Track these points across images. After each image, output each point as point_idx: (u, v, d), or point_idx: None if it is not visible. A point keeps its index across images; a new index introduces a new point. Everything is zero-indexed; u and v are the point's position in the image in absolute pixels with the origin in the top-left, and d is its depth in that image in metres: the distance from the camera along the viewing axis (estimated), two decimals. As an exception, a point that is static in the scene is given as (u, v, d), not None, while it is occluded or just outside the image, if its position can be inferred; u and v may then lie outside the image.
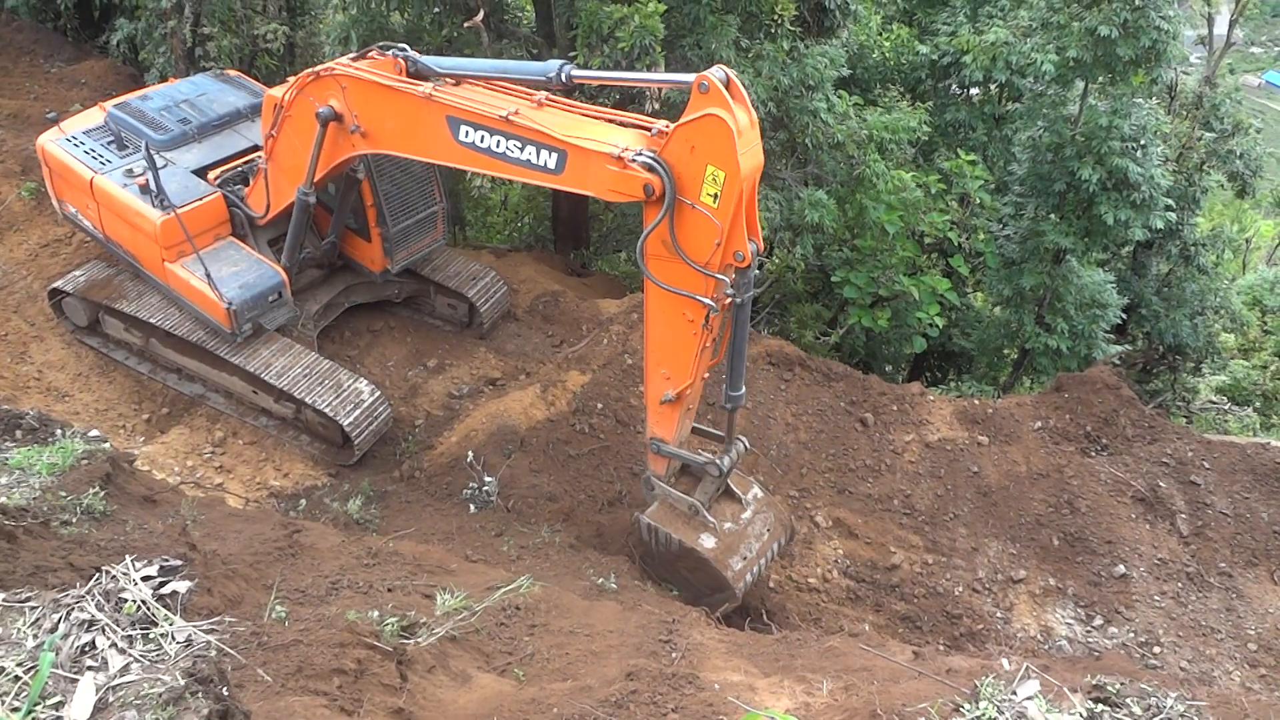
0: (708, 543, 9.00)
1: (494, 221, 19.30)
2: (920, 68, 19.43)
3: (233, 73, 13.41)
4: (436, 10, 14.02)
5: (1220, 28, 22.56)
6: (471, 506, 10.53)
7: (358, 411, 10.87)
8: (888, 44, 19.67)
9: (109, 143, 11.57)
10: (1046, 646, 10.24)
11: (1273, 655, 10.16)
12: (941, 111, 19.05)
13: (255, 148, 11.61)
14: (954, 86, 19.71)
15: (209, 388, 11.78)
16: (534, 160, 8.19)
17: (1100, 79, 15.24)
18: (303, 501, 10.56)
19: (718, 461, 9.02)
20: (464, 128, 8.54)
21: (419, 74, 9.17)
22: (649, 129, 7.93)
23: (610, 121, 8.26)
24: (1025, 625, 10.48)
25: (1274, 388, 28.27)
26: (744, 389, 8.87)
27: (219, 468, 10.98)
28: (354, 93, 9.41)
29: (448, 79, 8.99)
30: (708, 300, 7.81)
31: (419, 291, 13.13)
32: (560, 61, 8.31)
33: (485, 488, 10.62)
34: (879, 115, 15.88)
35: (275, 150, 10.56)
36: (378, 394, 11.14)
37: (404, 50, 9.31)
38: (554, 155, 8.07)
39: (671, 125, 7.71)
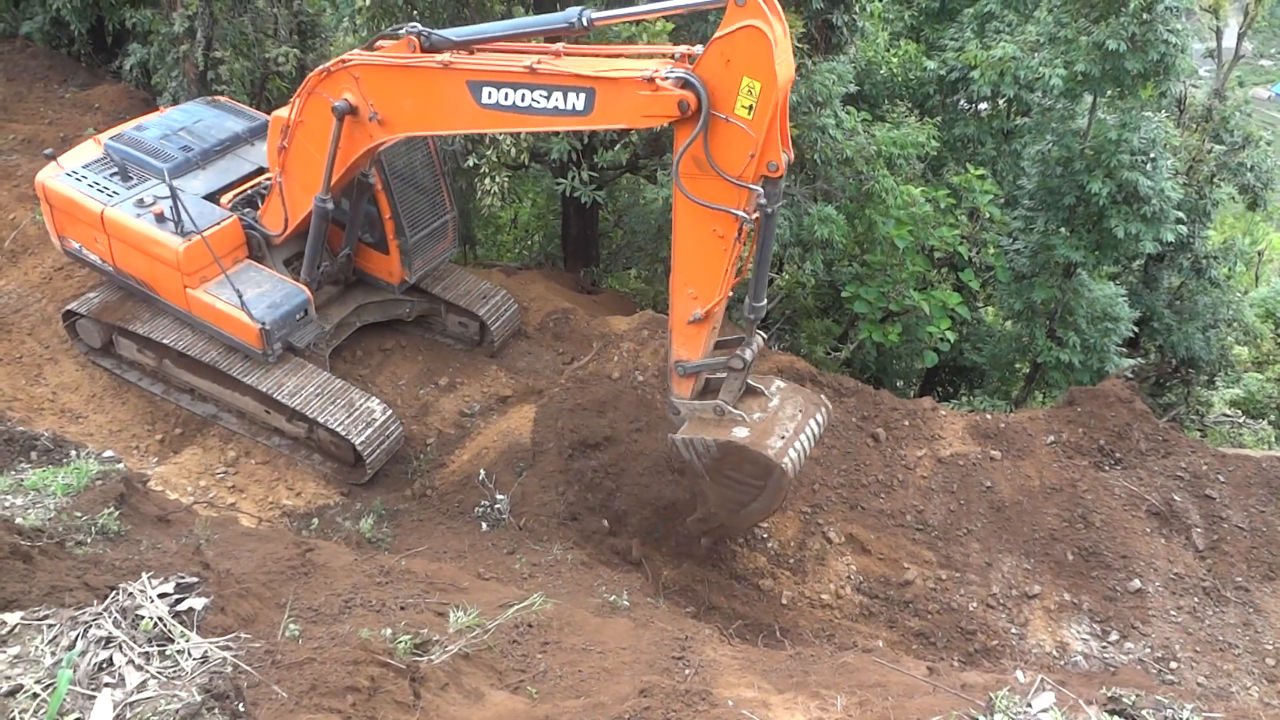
0: (741, 433, 9.02)
1: (504, 240, 19.38)
2: (928, 83, 19.48)
3: (222, 99, 13.50)
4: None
5: (1229, 40, 22.54)
6: (483, 524, 10.53)
7: (370, 430, 10.91)
8: (895, 60, 19.72)
9: (112, 174, 11.58)
10: (1062, 662, 10.16)
11: (1292, 671, 10.07)
12: (950, 127, 19.07)
13: (260, 170, 11.71)
14: (962, 101, 19.74)
15: (221, 408, 11.84)
16: (562, 105, 8.28)
17: (1109, 93, 15.24)
18: (315, 520, 10.59)
19: (740, 354, 9.09)
20: (486, 89, 8.65)
21: (433, 48, 9.20)
22: (671, 54, 8.13)
23: (618, 55, 8.50)
24: (1040, 641, 10.41)
25: (1289, 401, 28.07)
26: (765, 299, 9.13)
27: (232, 487, 11.02)
28: (368, 80, 9.50)
29: (463, 49, 9.05)
30: (741, 212, 7.94)
31: (430, 310, 13.19)
32: (579, 7, 8.42)
33: (497, 506, 10.63)
34: (887, 131, 15.92)
35: (289, 163, 10.63)
36: (389, 413, 11.18)
37: (415, 27, 9.32)
38: (581, 96, 8.18)
39: (691, 50, 7.91)
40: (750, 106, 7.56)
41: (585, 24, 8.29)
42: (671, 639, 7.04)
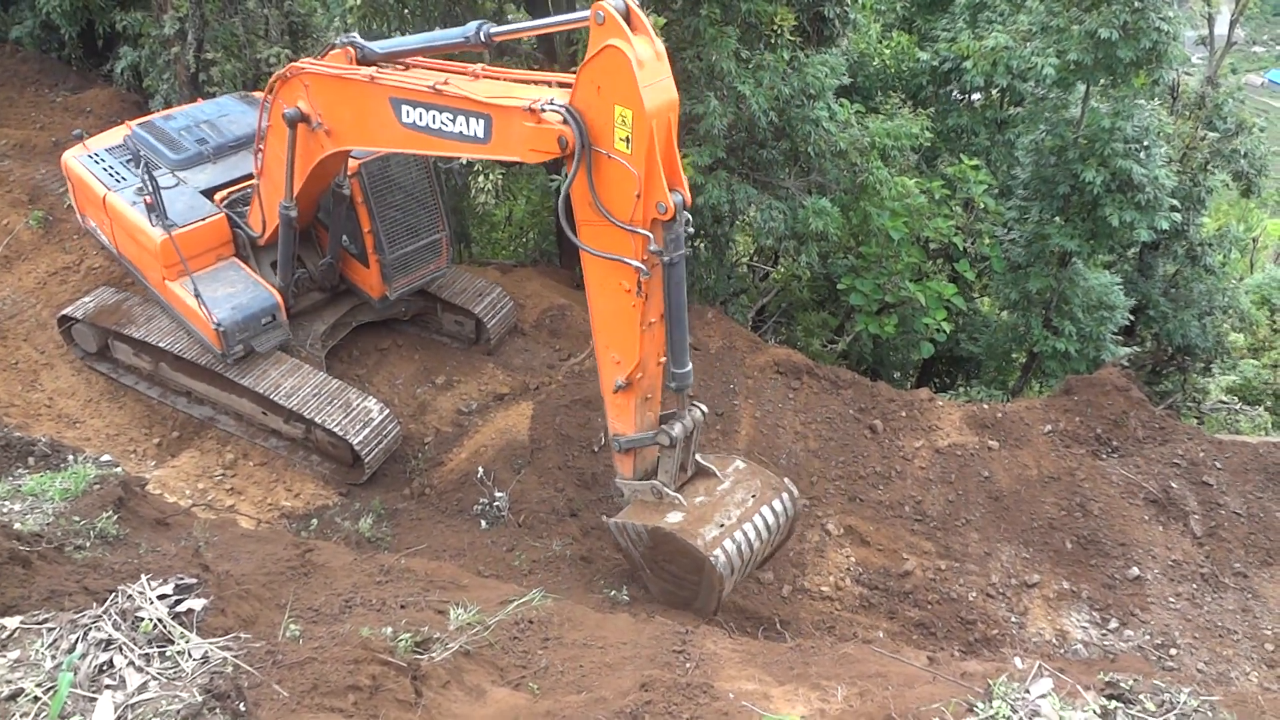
0: (674, 518, 8.25)
1: (498, 237, 19.37)
2: (921, 74, 19.49)
3: (258, 94, 13.50)
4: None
5: (1221, 27, 22.56)
6: (482, 522, 10.54)
7: (367, 430, 10.90)
8: (888, 51, 19.73)
9: (127, 161, 11.76)
10: (1062, 650, 10.19)
11: (1291, 655, 10.10)
12: (943, 117, 19.08)
13: None
14: (955, 92, 19.77)
15: (219, 410, 11.84)
16: (465, 131, 7.88)
17: (1101, 81, 15.25)
18: (314, 521, 10.59)
19: (667, 430, 8.27)
20: (405, 108, 8.29)
21: (365, 60, 8.94)
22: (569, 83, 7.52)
23: (538, 82, 7.93)
24: (1040, 629, 10.44)
25: (1285, 386, 28.14)
26: (690, 366, 8.19)
27: (230, 489, 11.02)
28: (315, 89, 9.25)
29: (394, 63, 8.82)
30: (636, 262, 7.39)
31: (426, 309, 13.18)
32: (479, 21, 7.97)
33: (496, 503, 10.63)
34: (881, 122, 15.92)
35: (265, 165, 10.54)
36: (387, 412, 11.18)
37: (352, 38, 9.07)
38: (480, 122, 7.74)
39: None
40: (626, 138, 6.99)
41: (484, 39, 7.82)
42: (672, 633, 7.05)
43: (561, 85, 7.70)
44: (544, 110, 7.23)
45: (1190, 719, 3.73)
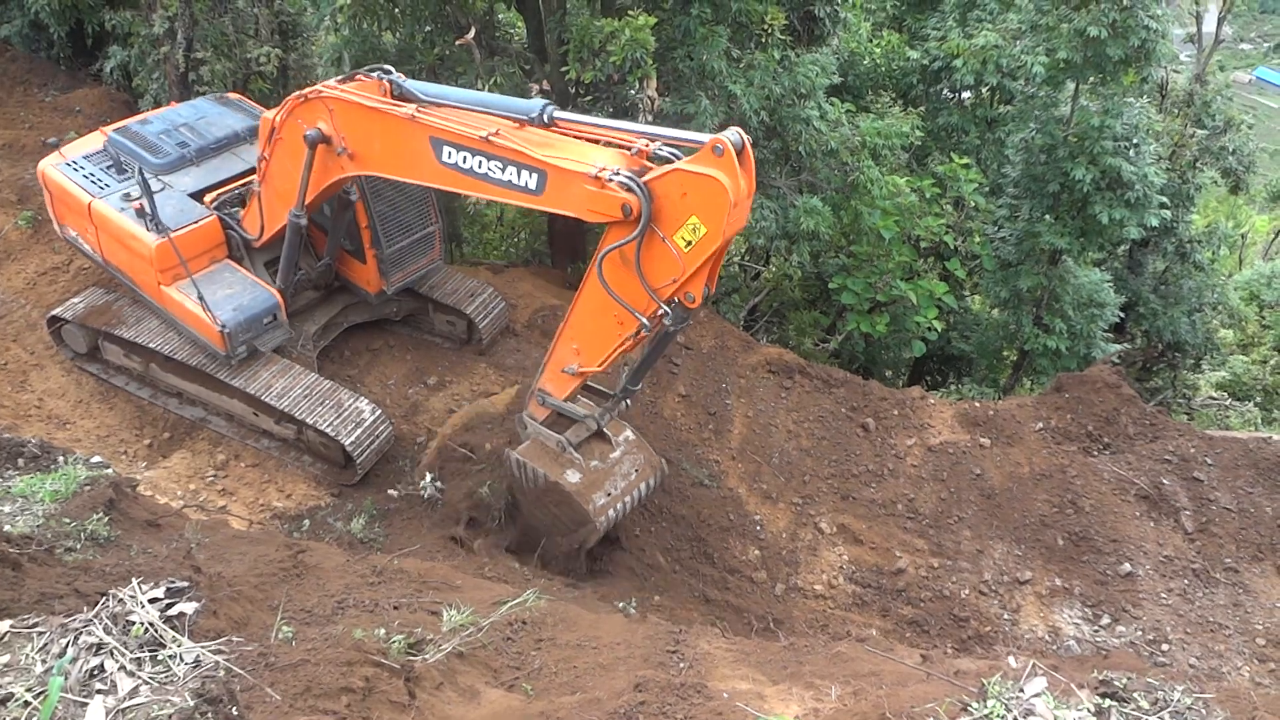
0: (572, 478, 9.26)
1: (490, 238, 19.34)
2: (911, 73, 19.50)
3: (234, 95, 13.45)
4: (428, 29, 14.08)
5: (1209, 25, 22.65)
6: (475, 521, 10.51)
7: (359, 431, 10.87)
8: (878, 50, 19.74)
9: (108, 167, 11.64)
10: (1055, 647, 10.22)
11: (1282, 650, 10.14)
12: (934, 116, 19.11)
13: (252, 170, 11.64)
14: (945, 91, 19.78)
15: (210, 411, 11.79)
16: (515, 181, 8.22)
17: (1091, 79, 15.31)
18: (306, 522, 10.56)
19: (598, 417, 9.44)
20: (447, 149, 8.58)
21: (403, 96, 9.23)
22: (629, 148, 7.93)
23: (591, 141, 8.21)
24: (1033, 626, 10.46)
25: (1274, 382, 28.28)
26: (640, 386, 9.61)
27: (222, 490, 10.98)
28: (341, 115, 9.45)
29: (432, 104, 9.04)
30: (644, 319, 8.00)
31: (417, 309, 13.15)
32: (544, 101, 8.37)
33: (429, 484, 10.65)
34: (872, 121, 15.94)
35: (268, 173, 10.60)
36: (378, 413, 11.15)
37: (388, 72, 9.39)
38: (534, 176, 8.10)
39: (651, 142, 7.81)
40: (690, 242, 7.51)
41: (547, 120, 8.22)
42: (666, 633, 7.05)
43: (609, 145, 8.07)
44: (611, 179, 7.59)
45: (1184, 716, 3.75)
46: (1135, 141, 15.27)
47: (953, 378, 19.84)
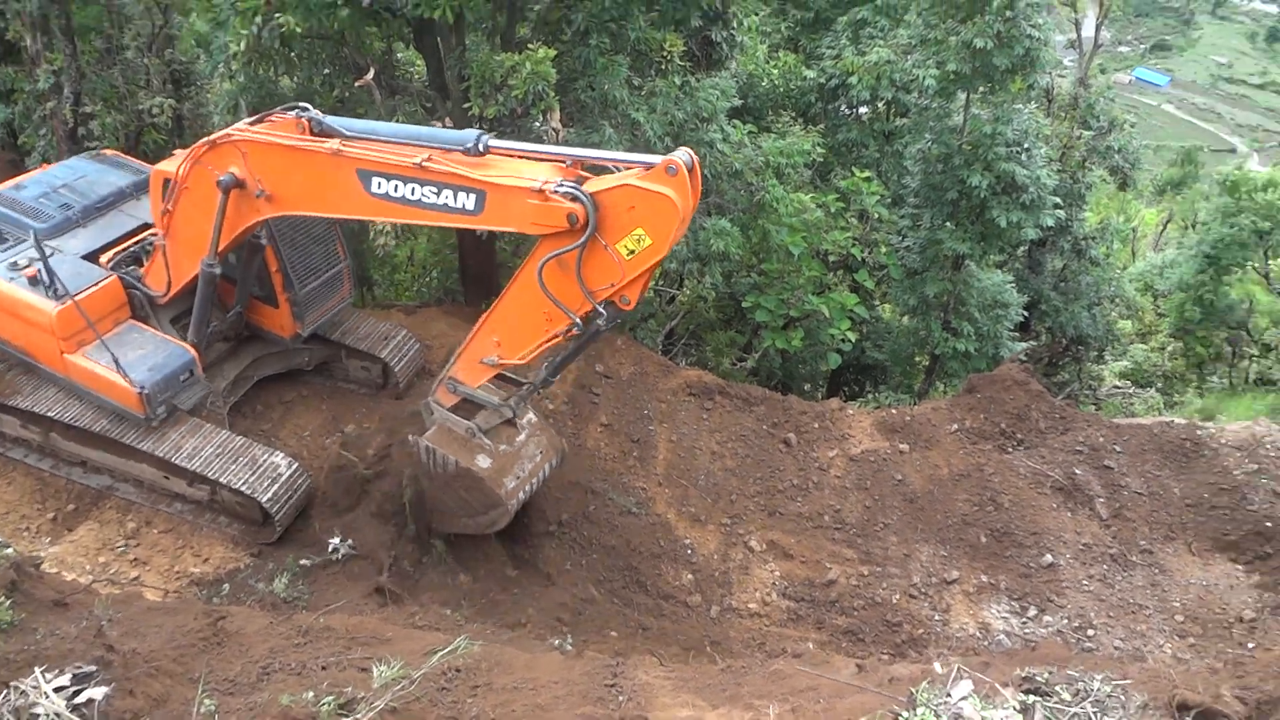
0: (483, 463, 9.51)
1: (401, 279, 19.12)
2: (809, 91, 19.94)
3: (109, 152, 13.05)
4: (326, 72, 13.93)
5: (1088, 30, 23.65)
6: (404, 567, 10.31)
7: (276, 486, 10.59)
8: (776, 71, 20.14)
9: None
10: (986, 643, 10.43)
11: (1199, 624, 10.50)
12: (833, 132, 19.56)
13: (145, 226, 11.33)
14: (843, 107, 20.26)
15: (117, 478, 11.35)
16: (451, 204, 8.33)
17: (980, 89, 15.85)
18: (226, 586, 10.22)
19: (512, 404, 9.65)
20: (376, 179, 8.60)
21: (324, 133, 9.14)
22: (562, 161, 8.23)
23: (523, 157, 8.46)
24: (964, 624, 10.66)
25: (1173, 367, 29.49)
26: (557, 378, 10.14)
27: (134, 560, 10.57)
28: (256, 157, 9.29)
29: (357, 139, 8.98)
30: (577, 318, 8.28)
31: (330, 357, 12.90)
32: (478, 131, 8.45)
33: (340, 547, 10.45)
34: (774, 141, 16.23)
35: (173, 225, 10.32)
36: (296, 466, 10.88)
37: (306, 109, 9.32)
38: (472, 196, 8.23)
39: (582, 161, 8.17)
40: (633, 251, 7.85)
41: (482, 149, 8.31)
42: (603, 667, 6.99)
43: (541, 160, 8.36)
44: (555, 191, 7.83)
45: (1104, 704, 3.85)
46: (1026, 146, 15.86)
47: (869, 386, 20.23)
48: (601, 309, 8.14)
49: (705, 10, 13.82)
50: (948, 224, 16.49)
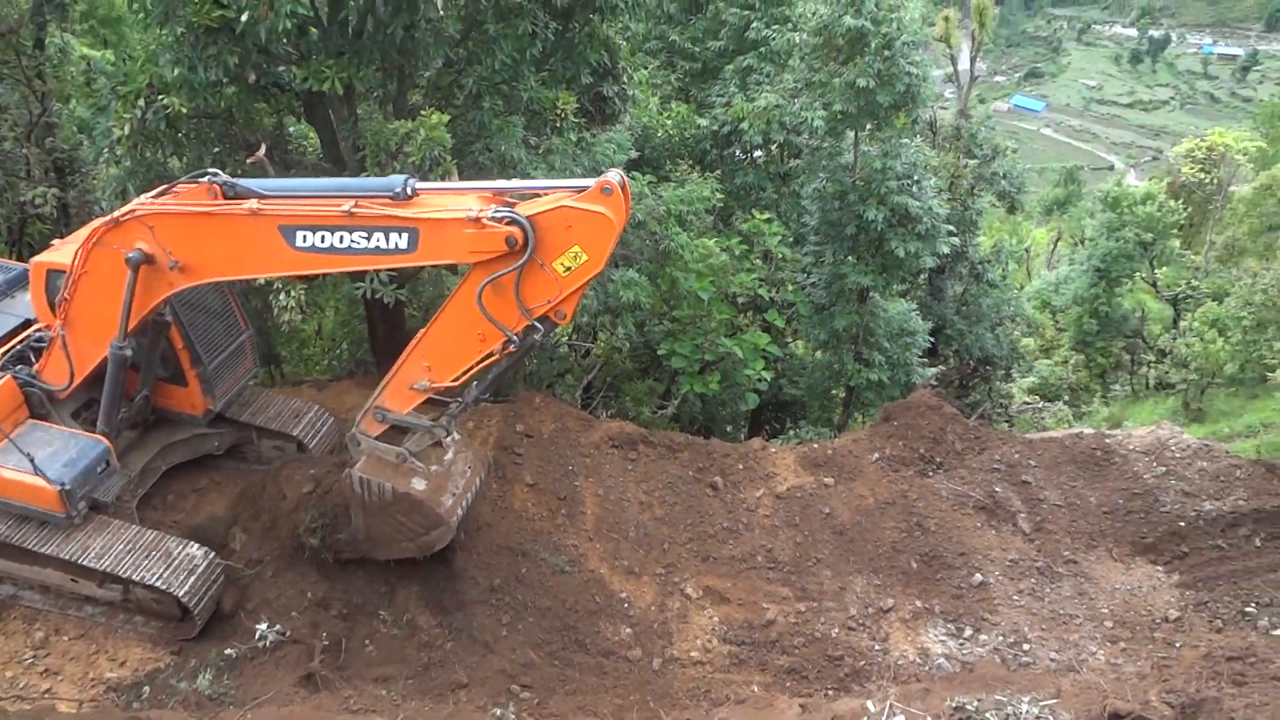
0: (419, 485, 9.70)
1: (310, 354, 18.72)
2: (703, 139, 20.36)
3: None
4: (216, 150, 13.68)
5: (964, 64, 24.70)
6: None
7: (193, 578, 10.16)
8: (670, 122, 20.51)
9: None
10: (927, 668, 10.49)
11: (1128, 628, 10.75)
12: (731, 177, 19.96)
13: (28, 324, 10.96)
14: (737, 152, 20.74)
15: (20, 586, 10.76)
16: (384, 245, 8.50)
17: (867, 126, 16.41)
18: (146, 689, 9.74)
19: (445, 424, 9.76)
20: (301, 233, 8.68)
21: (238, 196, 9.08)
22: (486, 193, 8.56)
23: (446, 193, 8.74)
24: (903, 651, 10.72)
25: (1078, 379, 30.59)
26: (487, 397, 10.20)
27: (44, 672, 10.00)
28: (165, 229, 9.18)
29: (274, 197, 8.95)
30: (513, 335, 8.54)
31: (241, 439, 12.52)
32: (403, 176, 8.62)
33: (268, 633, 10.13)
34: (674, 190, 16.47)
35: (72, 313, 10.01)
36: (211, 556, 10.47)
37: (216, 174, 9.28)
38: (404, 235, 8.43)
39: (505, 191, 8.52)
40: (570, 268, 8.23)
41: (410, 193, 8.50)
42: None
43: (465, 193, 8.67)
44: (491, 218, 8.13)
45: (1040, 722, 3.89)
46: (916, 178, 16.42)
47: (789, 423, 20.45)
48: (539, 325, 8.48)
49: (595, 67, 14.01)
50: (849, 258, 16.90)
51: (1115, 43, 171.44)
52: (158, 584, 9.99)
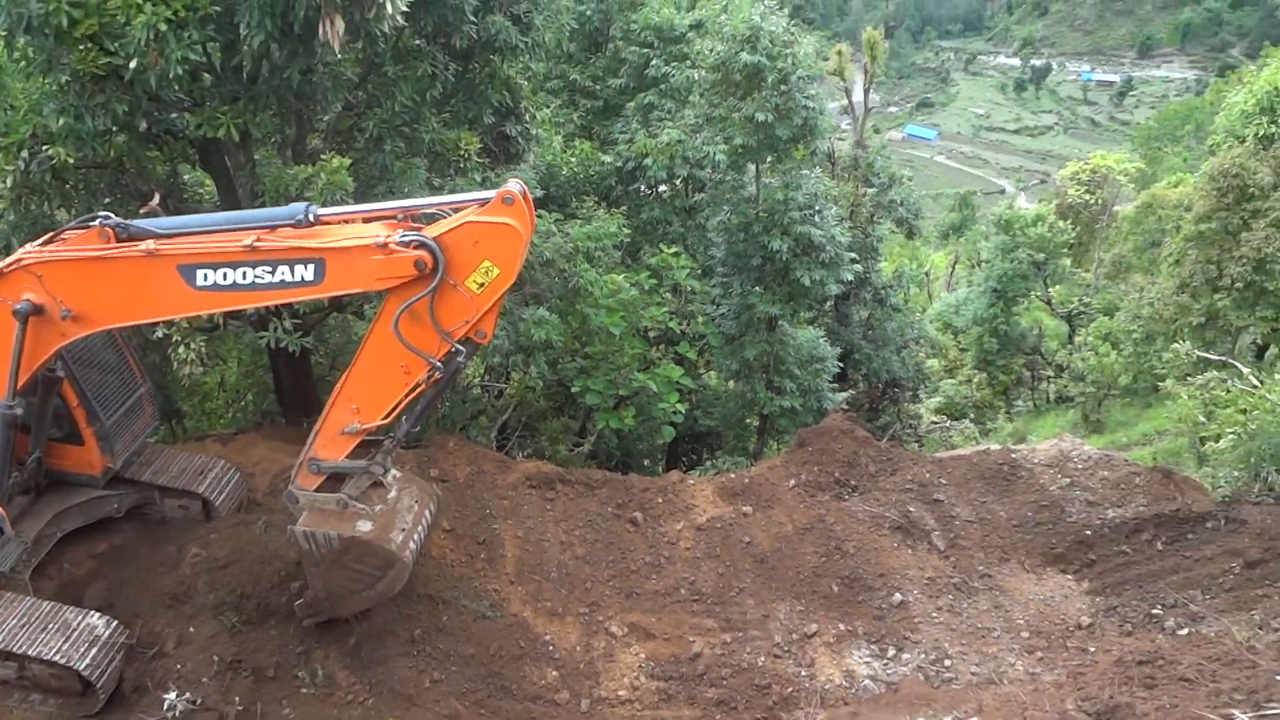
0: (365, 527, 9.46)
1: (214, 407, 18.14)
2: (608, 176, 20.54)
3: None
4: (107, 201, 13.24)
5: (858, 96, 25.48)
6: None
7: (95, 650, 9.66)
8: (574, 159, 20.64)
9: None
10: (853, 690, 10.57)
11: (1043, 637, 11.00)
12: (637, 212, 20.15)
13: None
14: (642, 187, 20.97)
15: (-96, 669, 10.13)
16: (289, 278, 8.30)
17: (768, 159, 16.77)
18: (46, 771, 9.23)
19: (381, 461, 9.56)
20: (201, 272, 8.41)
21: (132, 237, 8.71)
22: (393, 216, 8.41)
23: (351, 221, 8.57)
24: (830, 676, 10.78)
25: (981, 397, 31.51)
26: (420, 427, 10.14)
27: (-69, 763, 9.41)
28: (54, 277, 8.84)
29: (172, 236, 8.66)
30: (437, 362, 8.40)
31: (143, 500, 12.02)
32: (304, 204, 8.46)
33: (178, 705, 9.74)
34: (581, 227, 16.54)
35: None
36: (114, 624, 9.99)
37: (108, 217, 8.84)
38: (310, 266, 8.25)
39: (406, 211, 8.40)
40: (482, 284, 8.14)
41: (312, 220, 8.35)
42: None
43: (368, 220, 8.52)
44: (398, 243, 7.99)
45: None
46: (818, 208, 16.82)
47: (706, 454, 20.59)
48: (461, 347, 8.35)
49: (497, 107, 14.04)
50: (757, 288, 17.17)
51: (1000, 72, 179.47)
52: (56, 658, 9.48)
